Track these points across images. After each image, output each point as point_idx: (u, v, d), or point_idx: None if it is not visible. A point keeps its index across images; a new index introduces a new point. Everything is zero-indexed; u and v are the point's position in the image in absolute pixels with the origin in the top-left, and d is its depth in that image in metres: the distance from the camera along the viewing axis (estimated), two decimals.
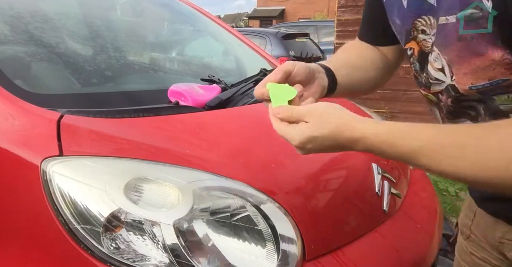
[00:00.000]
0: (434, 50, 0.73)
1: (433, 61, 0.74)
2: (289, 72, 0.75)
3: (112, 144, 1.13)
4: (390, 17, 0.83)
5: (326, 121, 0.64)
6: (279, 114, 0.68)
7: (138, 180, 1.01)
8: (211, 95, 1.45)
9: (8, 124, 1.12)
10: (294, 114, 0.67)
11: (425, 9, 0.71)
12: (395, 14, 0.81)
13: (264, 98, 0.73)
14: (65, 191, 0.97)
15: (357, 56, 0.93)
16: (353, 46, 0.97)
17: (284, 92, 0.71)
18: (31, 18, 1.64)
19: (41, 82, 1.46)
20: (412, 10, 0.75)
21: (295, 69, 0.76)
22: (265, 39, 7.10)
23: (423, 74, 0.78)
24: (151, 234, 0.95)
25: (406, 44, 0.79)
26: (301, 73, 0.76)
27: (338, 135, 0.63)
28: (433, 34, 0.72)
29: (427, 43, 0.74)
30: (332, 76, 0.83)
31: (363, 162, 1.41)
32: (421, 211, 1.53)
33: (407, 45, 0.80)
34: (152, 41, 2.22)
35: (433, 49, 0.73)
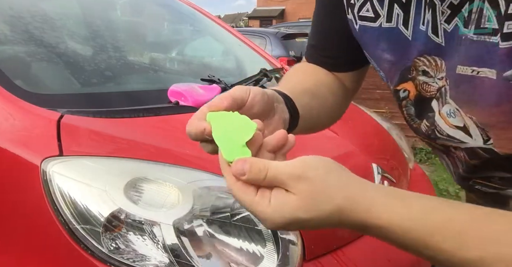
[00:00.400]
0: (448, 103, 0.57)
1: (446, 115, 0.58)
2: (242, 100, 0.52)
3: (112, 144, 1.13)
4: (371, 50, 0.66)
5: (325, 199, 0.42)
6: (241, 174, 0.43)
7: (138, 180, 1.01)
8: (211, 95, 1.45)
9: (8, 124, 1.12)
10: (269, 178, 0.43)
11: (429, 47, 0.56)
12: (383, 47, 0.62)
13: (204, 138, 0.48)
14: (65, 191, 0.97)
15: (314, 83, 0.72)
16: (306, 69, 0.77)
17: (236, 127, 0.47)
18: (31, 18, 1.64)
19: (41, 82, 1.46)
20: (417, 45, 0.58)
21: (250, 96, 0.53)
22: (265, 39, 7.10)
23: (423, 122, 0.63)
24: (151, 234, 0.95)
25: (400, 84, 0.63)
26: (258, 102, 0.53)
27: (342, 219, 0.42)
28: (439, 77, 0.57)
29: (430, 88, 0.59)
30: (293, 107, 0.62)
31: (363, 162, 1.41)
32: None
33: (401, 86, 0.63)
34: (152, 41, 2.23)
35: (447, 101, 0.57)
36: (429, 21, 0.55)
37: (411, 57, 0.59)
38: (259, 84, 1.62)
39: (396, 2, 0.58)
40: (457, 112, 0.57)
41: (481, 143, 0.56)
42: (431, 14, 0.54)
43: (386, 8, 0.60)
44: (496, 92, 0.49)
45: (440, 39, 0.54)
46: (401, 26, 0.59)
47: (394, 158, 1.60)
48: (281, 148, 0.48)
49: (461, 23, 0.51)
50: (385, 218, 0.41)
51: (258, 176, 0.43)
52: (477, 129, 0.56)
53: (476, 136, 0.56)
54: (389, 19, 0.60)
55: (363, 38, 0.65)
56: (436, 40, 0.55)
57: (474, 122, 0.55)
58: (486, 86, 0.50)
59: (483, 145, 0.56)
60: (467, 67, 0.52)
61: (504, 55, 0.47)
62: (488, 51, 0.49)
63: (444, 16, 0.53)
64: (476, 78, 0.51)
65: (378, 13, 0.61)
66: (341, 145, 1.46)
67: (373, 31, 0.62)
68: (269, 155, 0.48)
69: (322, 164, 0.44)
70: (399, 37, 0.59)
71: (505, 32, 0.45)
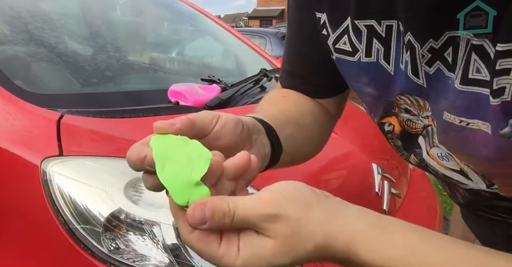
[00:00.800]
0: (438, 146, 0.52)
1: (437, 157, 0.54)
2: (204, 127, 0.43)
3: (112, 144, 1.13)
4: (351, 82, 0.60)
5: (305, 238, 0.35)
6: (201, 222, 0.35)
7: (138, 180, 1.01)
8: (211, 95, 1.45)
9: (8, 124, 1.12)
10: (237, 222, 0.35)
11: (410, 87, 0.51)
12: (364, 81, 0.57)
13: (145, 168, 0.38)
14: (65, 191, 0.97)
15: (297, 111, 0.64)
16: (287, 96, 0.68)
17: (186, 157, 0.36)
18: (31, 18, 1.64)
19: (41, 82, 1.46)
20: (398, 83, 0.52)
21: (217, 124, 0.44)
22: (265, 39, 7.10)
23: (411, 156, 0.58)
24: (151, 234, 0.95)
25: (384, 118, 0.58)
26: (228, 134, 0.45)
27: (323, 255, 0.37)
28: (424, 116, 0.52)
29: (415, 125, 0.54)
30: (276, 139, 0.54)
31: (363, 162, 1.41)
32: (421, 211, 1.53)
33: (386, 120, 0.58)
34: (152, 41, 2.23)
35: (435, 144, 0.53)
36: (408, 62, 0.49)
37: (394, 93, 0.54)
38: (259, 84, 1.62)
39: (375, 36, 0.53)
40: (451, 157, 0.51)
41: (484, 187, 0.51)
42: (409, 55, 0.49)
43: (364, 42, 0.54)
44: (494, 148, 0.44)
45: (421, 80, 0.49)
46: (382, 61, 0.53)
47: (394, 158, 1.60)
48: (243, 174, 0.39)
49: (444, 68, 0.46)
50: (365, 256, 0.36)
51: (222, 222, 0.34)
52: (477, 176, 0.51)
53: (476, 180, 0.51)
54: (368, 53, 0.54)
55: (342, 70, 0.60)
56: (417, 81, 0.50)
57: (472, 169, 0.50)
58: (480, 139, 0.45)
59: (486, 188, 0.51)
60: (455, 116, 0.46)
61: (498, 112, 0.42)
62: (479, 104, 0.43)
63: (425, 59, 0.47)
64: (467, 129, 0.46)
65: (356, 47, 0.55)
66: (341, 145, 1.46)
67: (352, 65, 0.57)
68: (229, 184, 0.39)
69: (300, 196, 0.36)
70: (381, 71, 0.54)
71: (495, 89, 0.41)
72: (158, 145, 0.38)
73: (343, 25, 0.56)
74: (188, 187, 0.35)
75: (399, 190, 1.47)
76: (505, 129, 0.42)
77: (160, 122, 0.40)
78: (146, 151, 0.38)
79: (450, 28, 0.44)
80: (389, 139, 0.60)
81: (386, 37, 0.52)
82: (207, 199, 0.35)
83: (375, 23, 0.52)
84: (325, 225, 0.36)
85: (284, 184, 0.37)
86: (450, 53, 0.45)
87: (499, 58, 0.39)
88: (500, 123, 0.42)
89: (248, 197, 0.37)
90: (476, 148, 0.46)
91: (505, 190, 0.50)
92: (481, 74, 0.42)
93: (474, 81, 0.43)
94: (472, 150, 0.47)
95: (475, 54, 0.42)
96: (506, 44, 0.38)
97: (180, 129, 0.40)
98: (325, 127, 0.69)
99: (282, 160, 0.56)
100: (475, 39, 0.41)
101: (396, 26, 0.50)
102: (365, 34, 0.53)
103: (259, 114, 0.56)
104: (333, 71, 0.61)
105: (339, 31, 0.57)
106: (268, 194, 0.36)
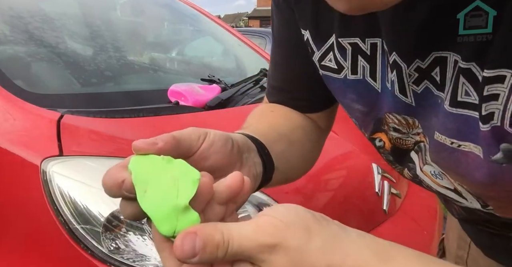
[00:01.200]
0: (430, 164, 0.51)
1: (431, 175, 0.52)
2: (189, 145, 0.39)
3: (112, 144, 1.13)
4: (339, 98, 0.58)
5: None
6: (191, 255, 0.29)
7: None
8: (211, 95, 1.45)
9: (8, 125, 1.12)
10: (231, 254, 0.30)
11: (398, 107, 0.49)
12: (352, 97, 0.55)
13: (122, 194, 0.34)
14: (65, 191, 0.97)
15: (288, 127, 0.61)
16: (274, 110, 0.65)
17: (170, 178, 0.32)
18: (31, 18, 1.64)
19: (41, 82, 1.46)
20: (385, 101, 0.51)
21: (205, 143, 0.40)
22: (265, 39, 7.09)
23: (405, 170, 0.57)
24: (151, 234, 0.95)
25: (374, 134, 0.57)
26: (216, 153, 0.41)
27: None
28: (414, 133, 0.50)
29: (406, 142, 0.52)
30: (268, 156, 0.51)
31: (363, 162, 1.41)
32: (421, 211, 1.53)
33: (376, 136, 0.57)
34: (152, 41, 2.23)
35: (427, 162, 0.51)
36: (394, 81, 0.48)
37: (383, 110, 0.52)
38: (259, 84, 1.62)
39: (360, 54, 0.51)
40: (444, 176, 0.49)
41: (479, 207, 0.50)
42: (395, 74, 0.47)
43: (349, 60, 0.53)
44: (488, 173, 0.42)
45: (409, 99, 0.47)
46: (368, 78, 0.52)
47: None
48: (235, 197, 0.35)
49: (433, 87, 0.45)
50: None
51: (215, 255, 0.29)
52: (471, 196, 0.49)
53: (471, 200, 0.49)
54: (354, 71, 0.53)
55: (329, 86, 0.58)
56: (405, 100, 0.48)
57: (467, 190, 0.48)
58: (472, 162, 0.43)
59: (481, 208, 0.50)
60: (446, 137, 0.44)
61: (488, 137, 0.40)
62: (470, 126, 0.42)
63: (412, 79, 0.46)
64: (459, 151, 0.44)
65: (341, 64, 0.54)
66: (341, 145, 1.46)
67: (339, 82, 0.55)
68: (219, 208, 0.35)
69: (300, 222, 0.32)
70: (368, 88, 0.52)
71: (484, 115, 0.40)
72: (138, 167, 0.33)
73: (328, 43, 0.55)
74: (175, 213, 0.30)
75: (399, 190, 1.47)
76: (496, 155, 0.41)
77: (140, 142, 0.35)
78: (124, 175, 0.33)
79: (436, 48, 0.43)
80: (382, 153, 0.58)
81: (371, 55, 0.50)
82: (197, 227, 0.30)
83: (360, 41, 0.51)
84: (327, 254, 0.32)
85: (282, 208, 0.33)
86: (438, 73, 0.44)
87: (486, 84, 0.39)
88: (492, 149, 0.41)
89: (243, 223, 0.31)
90: (469, 170, 0.44)
91: (500, 211, 0.49)
92: (470, 97, 0.41)
93: (463, 104, 0.42)
94: (464, 172, 0.45)
95: (463, 77, 0.41)
96: (493, 71, 0.38)
97: (163, 149, 0.36)
98: (316, 142, 0.67)
99: (275, 179, 0.53)
100: (462, 62, 0.41)
101: (380, 44, 0.49)
102: (350, 51, 0.52)
103: (247, 130, 0.53)
104: (321, 86, 0.59)
105: (324, 48, 0.55)
106: (266, 219, 0.31)
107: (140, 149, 0.35)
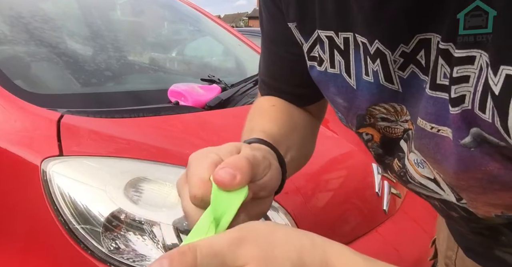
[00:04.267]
0: (414, 152, 0.51)
1: (414, 163, 0.52)
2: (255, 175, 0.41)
3: (112, 144, 1.13)
4: (323, 91, 0.59)
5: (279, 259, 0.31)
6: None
7: (138, 180, 1.01)
8: (211, 95, 1.45)
9: (8, 125, 1.12)
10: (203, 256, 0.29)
11: (384, 96, 0.49)
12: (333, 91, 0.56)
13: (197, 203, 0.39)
14: (65, 191, 0.97)
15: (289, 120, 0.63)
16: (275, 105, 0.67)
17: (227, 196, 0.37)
18: (31, 18, 1.64)
19: (41, 82, 1.46)
20: (365, 95, 0.51)
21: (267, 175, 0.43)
22: None
23: (395, 161, 0.56)
24: (151, 234, 0.95)
25: (360, 129, 0.57)
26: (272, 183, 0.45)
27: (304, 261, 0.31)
28: (403, 120, 0.51)
29: (395, 130, 0.52)
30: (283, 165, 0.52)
31: (363, 162, 1.41)
32: (421, 211, 1.53)
33: (361, 130, 0.57)
34: (152, 41, 2.23)
35: (412, 150, 0.51)
36: (379, 70, 0.47)
37: (363, 106, 0.52)
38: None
39: (335, 48, 0.51)
40: (425, 164, 0.50)
41: (454, 200, 0.50)
42: (379, 63, 0.47)
43: (327, 53, 0.53)
44: (458, 158, 0.42)
45: (396, 86, 0.47)
46: (344, 74, 0.52)
47: None
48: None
49: (419, 71, 0.45)
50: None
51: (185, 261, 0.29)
52: (447, 187, 0.49)
53: (448, 192, 0.50)
54: (332, 65, 0.53)
55: (314, 78, 0.58)
56: (392, 87, 0.48)
57: (443, 179, 0.49)
58: (447, 147, 0.43)
59: (456, 202, 0.50)
60: (426, 122, 0.45)
61: (458, 120, 0.40)
62: (447, 110, 0.42)
63: (397, 65, 0.46)
64: (437, 136, 0.44)
65: (321, 57, 0.54)
66: (341, 145, 1.46)
67: (321, 74, 0.56)
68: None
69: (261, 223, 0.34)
70: (345, 85, 0.52)
71: (454, 97, 0.40)
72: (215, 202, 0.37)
73: (314, 35, 0.55)
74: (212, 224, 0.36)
75: (399, 190, 1.47)
76: (465, 139, 0.41)
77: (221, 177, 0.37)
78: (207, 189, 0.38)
79: (420, 30, 0.42)
80: (370, 147, 0.58)
81: (345, 49, 0.50)
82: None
83: (334, 34, 0.51)
84: (295, 242, 0.32)
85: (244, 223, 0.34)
86: (423, 56, 0.44)
87: (456, 65, 0.38)
88: (461, 133, 0.41)
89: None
90: (444, 157, 0.44)
91: (472, 206, 0.49)
92: (447, 79, 0.41)
93: (441, 87, 0.42)
94: (441, 158, 0.45)
95: (441, 59, 0.41)
96: (463, 51, 0.37)
97: (239, 184, 0.38)
98: (313, 135, 0.69)
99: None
100: (442, 43, 0.40)
101: (352, 39, 0.49)
102: (327, 45, 0.52)
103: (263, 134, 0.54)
104: (310, 80, 0.60)
105: (311, 41, 0.56)
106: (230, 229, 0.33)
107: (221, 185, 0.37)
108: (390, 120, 0.51)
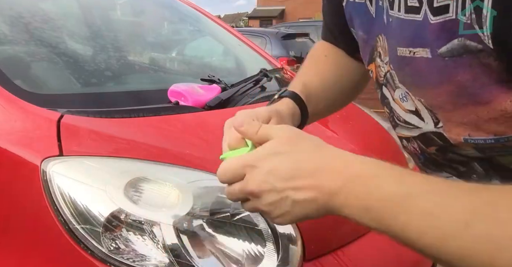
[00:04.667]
0: (398, 87, 0.55)
1: (400, 99, 0.57)
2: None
3: (112, 144, 1.13)
4: (353, 26, 0.65)
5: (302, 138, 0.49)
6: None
7: (138, 180, 1.01)
8: (211, 95, 1.45)
9: (8, 125, 1.12)
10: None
11: (381, 26, 0.55)
12: (357, 23, 0.63)
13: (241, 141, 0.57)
14: (65, 191, 0.97)
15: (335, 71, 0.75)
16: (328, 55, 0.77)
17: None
18: (31, 18, 1.64)
19: (41, 82, 1.46)
20: (379, 21, 0.56)
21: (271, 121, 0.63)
22: (265, 39, 7.10)
23: (385, 109, 0.63)
24: (151, 234, 0.95)
25: (368, 65, 0.63)
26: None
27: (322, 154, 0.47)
28: (386, 62, 0.56)
29: (381, 73, 0.58)
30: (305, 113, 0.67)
31: None
32: None
33: (369, 67, 0.63)
34: (152, 41, 2.23)
35: (396, 85, 0.56)
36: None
37: (374, 35, 0.58)
38: (259, 84, 1.62)
39: None
40: (408, 96, 0.55)
41: (432, 126, 0.54)
42: None
43: None
44: (435, 71, 0.47)
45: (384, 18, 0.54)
46: (367, 2, 0.58)
47: (394, 158, 1.59)
48: None
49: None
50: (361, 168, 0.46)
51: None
52: (427, 112, 0.54)
53: (427, 119, 0.55)
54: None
55: (346, 12, 0.65)
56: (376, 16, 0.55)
57: (423, 104, 0.53)
58: (424, 66, 0.48)
59: (434, 128, 0.54)
60: (405, 48, 0.50)
61: (437, 31, 0.44)
62: (417, 30, 0.47)
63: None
64: (414, 59, 0.49)
65: None
66: (341, 145, 1.46)
67: (350, 6, 0.63)
68: None
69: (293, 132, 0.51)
70: (366, 13, 0.58)
71: (436, 6, 0.43)
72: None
73: None
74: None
75: None
76: (442, 48, 0.45)
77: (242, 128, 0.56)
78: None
79: None
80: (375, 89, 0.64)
81: None
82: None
83: None
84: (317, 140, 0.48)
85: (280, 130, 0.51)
86: None
87: None
88: (439, 42, 0.45)
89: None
90: (423, 76, 0.49)
91: (446, 129, 0.53)
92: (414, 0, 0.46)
93: (411, 9, 0.47)
94: (419, 78, 0.50)
95: None
96: None
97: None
98: (356, 87, 0.78)
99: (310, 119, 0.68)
100: None
101: None
102: None
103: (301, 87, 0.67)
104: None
105: None
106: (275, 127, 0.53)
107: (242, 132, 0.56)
108: (381, 58, 0.57)
